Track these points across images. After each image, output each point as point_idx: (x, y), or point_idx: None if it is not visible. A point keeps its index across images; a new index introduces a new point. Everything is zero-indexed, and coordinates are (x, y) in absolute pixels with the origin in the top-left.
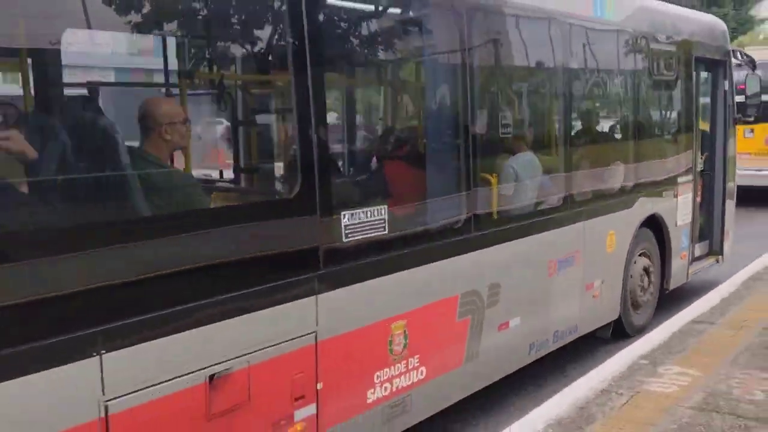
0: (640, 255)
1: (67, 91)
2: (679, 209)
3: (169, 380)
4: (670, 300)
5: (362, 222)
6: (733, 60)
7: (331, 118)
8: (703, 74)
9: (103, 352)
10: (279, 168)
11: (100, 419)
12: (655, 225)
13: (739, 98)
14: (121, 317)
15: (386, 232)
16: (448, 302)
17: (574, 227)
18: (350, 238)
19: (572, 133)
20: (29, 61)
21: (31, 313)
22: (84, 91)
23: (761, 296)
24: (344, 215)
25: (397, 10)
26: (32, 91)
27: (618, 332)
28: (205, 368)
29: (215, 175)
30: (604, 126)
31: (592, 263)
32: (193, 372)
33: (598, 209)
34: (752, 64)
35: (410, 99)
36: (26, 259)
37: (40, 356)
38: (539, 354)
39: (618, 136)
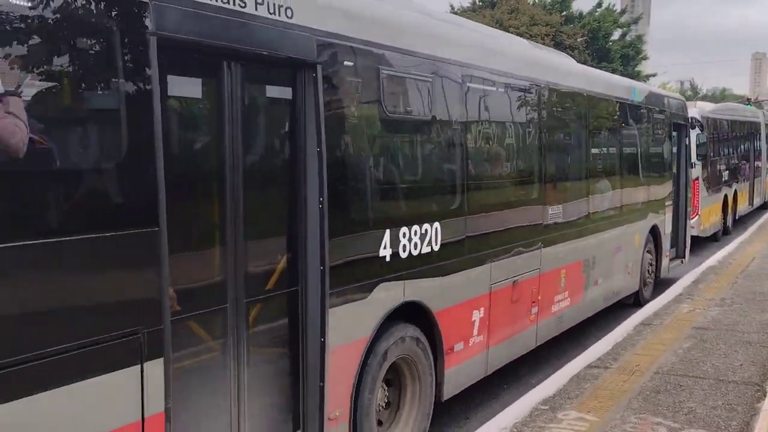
0: (647, 252)
1: None
2: (666, 223)
3: (505, 279)
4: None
5: (554, 213)
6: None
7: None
8: (674, 133)
9: (492, 262)
10: (533, 181)
11: (489, 293)
12: (654, 232)
13: None
14: (498, 246)
15: (561, 220)
16: (578, 264)
17: (622, 228)
18: (552, 221)
19: (622, 170)
20: None
21: (474, 244)
22: None
23: (651, 341)
24: (550, 208)
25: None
26: None
27: (636, 302)
28: (513, 276)
29: None
30: (636, 165)
31: (628, 252)
32: (511, 277)
33: (632, 218)
34: (701, 125)
35: (570, 156)
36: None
37: (474, 262)
38: (606, 305)
39: (641, 172)
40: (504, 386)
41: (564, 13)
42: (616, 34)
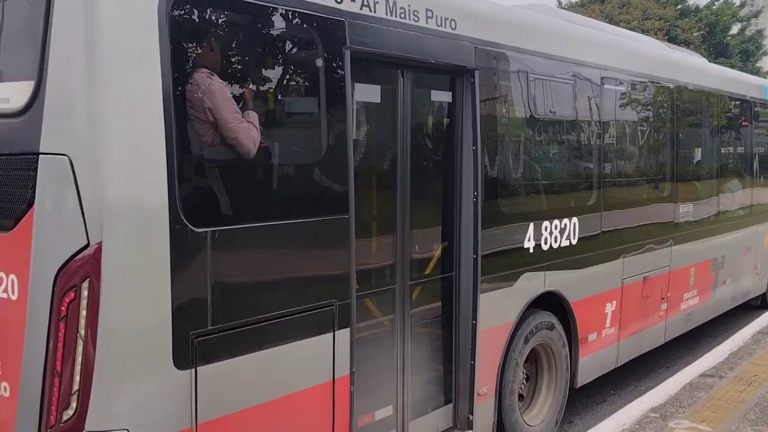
0: None
1: None
2: None
3: (636, 274)
4: None
5: (684, 211)
6: None
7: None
8: None
9: (624, 257)
10: (665, 180)
11: (621, 287)
12: None
13: None
14: (631, 242)
15: (692, 218)
16: (707, 262)
17: (752, 228)
18: (682, 219)
19: (752, 169)
20: None
21: (609, 239)
22: None
23: None
24: (680, 206)
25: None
26: None
27: (763, 303)
28: (644, 272)
29: None
30: (766, 165)
31: (757, 253)
32: (642, 273)
33: (762, 218)
34: None
35: (701, 155)
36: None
37: (608, 256)
38: (733, 305)
39: None
40: (611, 391)
41: (679, 6)
42: (735, 29)
